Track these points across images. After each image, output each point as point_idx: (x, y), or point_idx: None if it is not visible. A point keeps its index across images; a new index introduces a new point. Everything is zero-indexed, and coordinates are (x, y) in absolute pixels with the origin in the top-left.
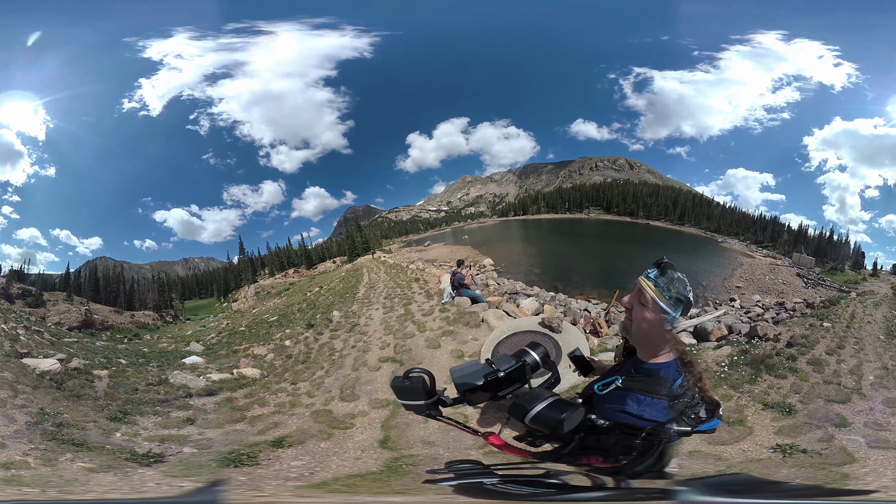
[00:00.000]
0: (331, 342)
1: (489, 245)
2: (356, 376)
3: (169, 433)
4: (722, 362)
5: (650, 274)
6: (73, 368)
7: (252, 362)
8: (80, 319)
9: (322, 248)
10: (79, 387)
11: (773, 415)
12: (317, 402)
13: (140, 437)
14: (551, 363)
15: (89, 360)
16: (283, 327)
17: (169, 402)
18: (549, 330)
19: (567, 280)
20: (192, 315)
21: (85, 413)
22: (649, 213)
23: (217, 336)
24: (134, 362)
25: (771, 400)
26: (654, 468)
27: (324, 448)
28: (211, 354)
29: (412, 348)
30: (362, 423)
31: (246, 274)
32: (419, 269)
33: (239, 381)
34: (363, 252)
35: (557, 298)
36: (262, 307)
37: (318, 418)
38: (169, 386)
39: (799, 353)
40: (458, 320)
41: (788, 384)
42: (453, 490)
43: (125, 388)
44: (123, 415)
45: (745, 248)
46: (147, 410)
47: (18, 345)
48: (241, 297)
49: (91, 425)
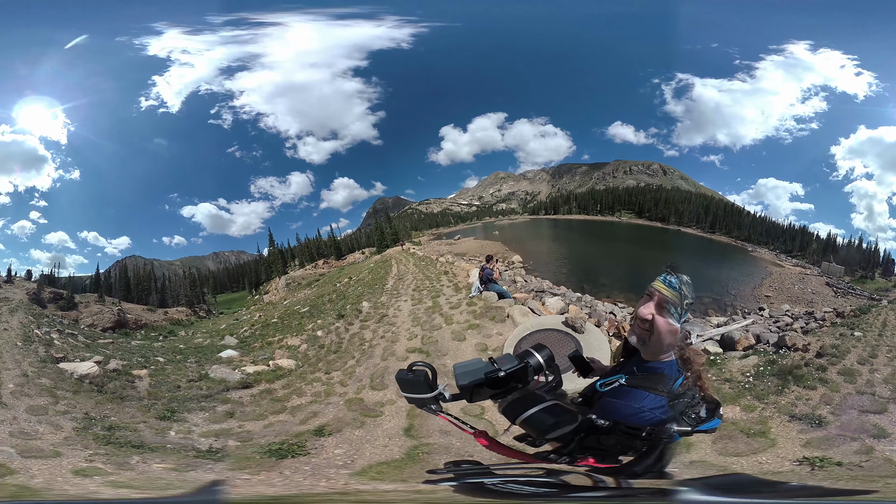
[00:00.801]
0: (361, 332)
1: (519, 242)
2: (385, 366)
3: (220, 428)
4: (747, 372)
5: (672, 281)
6: (112, 370)
7: (287, 353)
8: (113, 320)
9: (351, 239)
10: (120, 388)
11: (801, 427)
12: (349, 390)
13: (195, 434)
14: (555, 366)
15: (127, 360)
16: (315, 318)
17: (212, 397)
18: (572, 330)
19: (594, 282)
20: (225, 309)
21: (132, 414)
22: (681, 219)
23: (250, 329)
24: (172, 359)
25: (799, 411)
26: (655, 468)
27: (359, 435)
28: (245, 347)
29: (438, 340)
30: (390, 411)
31: (276, 266)
32: (448, 263)
33: (276, 372)
34: (392, 243)
35: (584, 299)
36: (293, 298)
37: (352, 406)
38: (210, 381)
39: (829, 364)
40: (484, 314)
41: (818, 395)
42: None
43: (167, 385)
44: (171, 413)
45: (774, 258)
46: (193, 407)
47: (53, 349)
48: (272, 289)
49: (142, 426)
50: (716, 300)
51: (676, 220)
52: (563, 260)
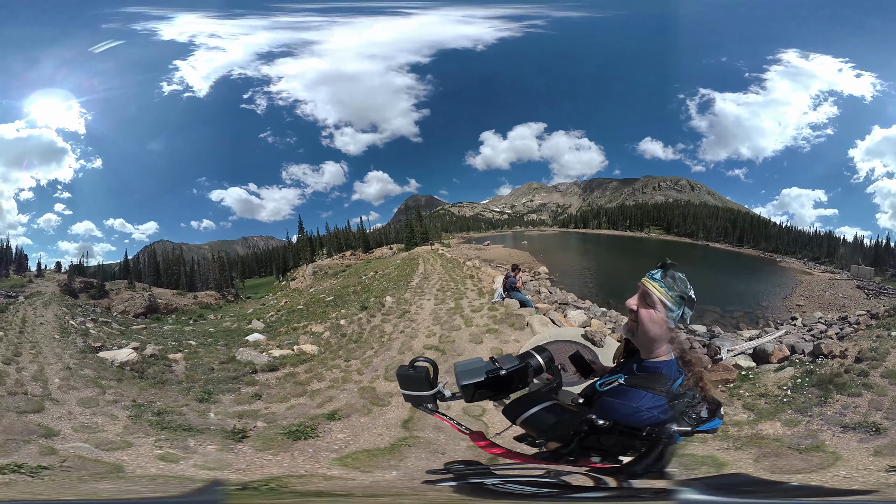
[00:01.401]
0: (382, 325)
1: (547, 254)
2: (401, 359)
3: (244, 409)
4: (784, 385)
5: (655, 275)
6: (150, 355)
7: (311, 339)
8: (144, 305)
9: (380, 234)
10: (160, 373)
11: (860, 436)
12: (364, 379)
13: (225, 415)
14: (555, 368)
15: (162, 345)
16: (339, 307)
17: (238, 379)
18: (591, 343)
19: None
20: (252, 293)
21: (174, 398)
22: (709, 234)
23: (277, 314)
24: (203, 343)
25: (850, 421)
26: (655, 468)
27: (362, 423)
28: (271, 332)
29: (456, 340)
30: (397, 402)
31: (304, 253)
32: (475, 267)
33: (300, 356)
34: (421, 242)
35: (609, 315)
36: (318, 287)
37: (363, 394)
38: (237, 363)
39: (870, 368)
40: (504, 320)
41: (865, 402)
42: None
43: (202, 368)
44: (208, 395)
45: (802, 266)
46: (224, 388)
47: (91, 339)
48: (299, 275)
49: (185, 409)
50: (747, 313)
51: (705, 235)
52: (591, 274)
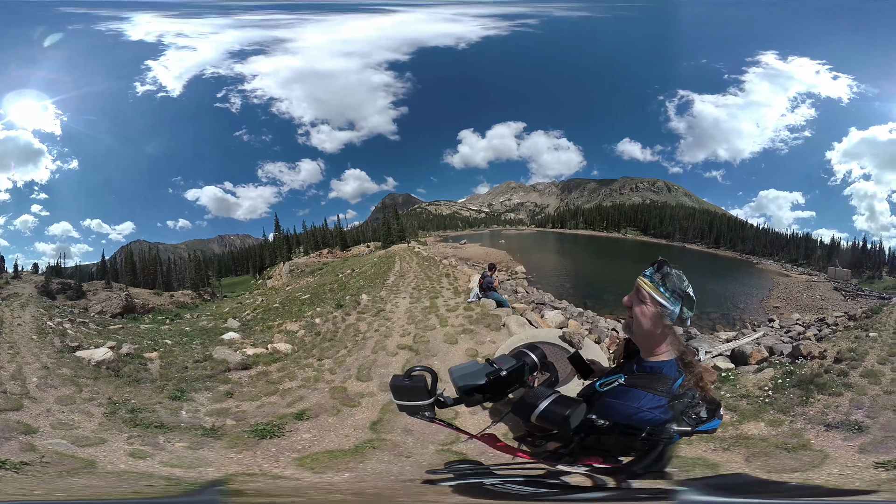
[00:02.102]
0: (356, 324)
1: (524, 253)
2: (374, 358)
3: (219, 407)
4: (765, 386)
5: (647, 272)
6: (126, 354)
7: (285, 338)
8: (121, 305)
9: (357, 232)
10: (135, 371)
11: (843, 434)
12: (336, 378)
13: (200, 413)
14: (549, 363)
15: (138, 344)
16: (315, 305)
17: (214, 377)
18: (569, 345)
19: (598, 298)
20: (229, 292)
21: (148, 396)
22: (685, 236)
23: (253, 313)
24: (179, 342)
25: (832, 420)
26: (655, 468)
27: (330, 423)
28: (247, 330)
29: (430, 340)
30: (367, 403)
31: (281, 251)
32: (451, 266)
33: (273, 355)
34: (398, 240)
35: (585, 315)
36: (295, 285)
37: (334, 394)
38: (213, 361)
39: (850, 368)
40: (479, 321)
41: (846, 400)
42: (453, 490)
43: (176, 366)
44: (181, 393)
45: (780, 268)
46: (199, 386)
47: (68, 339)
48: (275, 274)
49: (158, 406)
50: (724, 315)
51: (681, 236)
52: (567, 274)
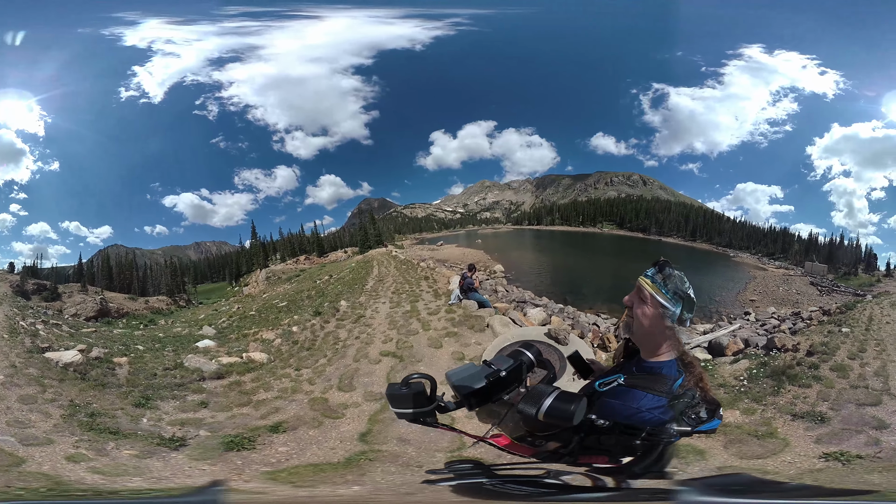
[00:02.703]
0: (336, 331)
1: (501, 251)
2: (356, 367)
3: (187, 417)
4: (740, 376)
5: (648, 272)
6: (95, 358)
7: (260, 347)
8: (96, 309)
9: (334, 237)
10: (102, 375)
11: (806, 424)
12: (316, 389)
13: (163, 422)
14: (546, 361)
15: (108, 348)
16: (292, 313)
17: (184, 386)
18: (555, 341)
19: (577, 293)
20: (205, 299)
21: (111, 401)
22: (661, 229)
23: (228, 320)
24: (151, 348)
25: (799, 410)
26: (655, 468)
27: (311, 436)
28: (222, 338)
29: (414, 345)
30: (353, 414)
31: (258, 258)
32: (430, 268)
33: (247, 365)
34: (375, 244)
35: (566, 311)
36: (272, 292)
37: (314, 406)
38: (184, 370)
39: (820, 361)
40: (462, 323)
41: (814, 392)
42: (453, 490)
43: (145, 373)
44: (146, 400)
45: (756, 262)
46: (166, 395)
47: (39, 340)
48: (252, 281)
49: (119, 412)
50: (701, 308)
51: (657, 229)
52: (546, 271)
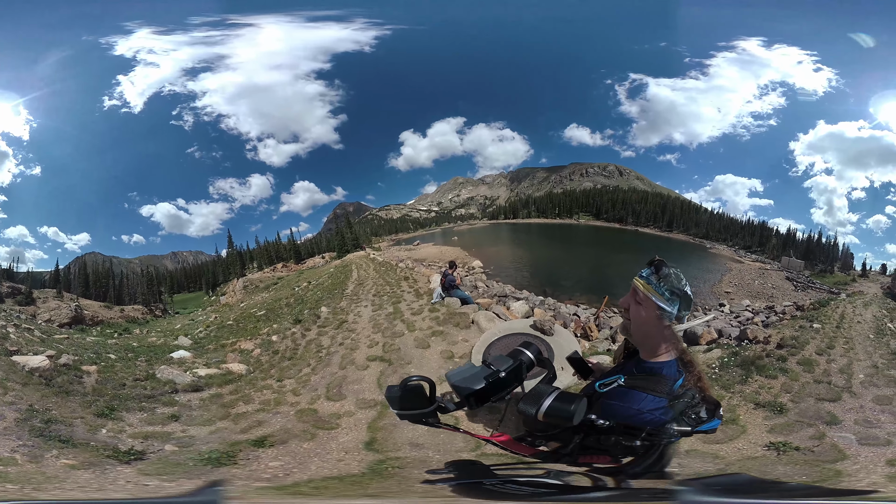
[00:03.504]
0: (318, 339)
1: (479, 247)
2: (343, 375)
3: (153, 430)
4: (713, 364)
5: (643, 272)
6: (63, 364)
7: (239, 357)
8: (70, 315)
9: (311, 244)
10: (67, 383)
11: (765, 413)
12: (302, 400)
13: (125, 434)
14: (545, 360)
15: (79, 355)
16: (271, 322)
17: (155, 398)
18: (541, 333)
19: (556, 285)
20: (181, 308)
21: (73, 409)
22: (638, 219)
23: (205, 330)
24: (123, 357)
25: (762, 399)
26: (655, 468)
27: (306, 449)
28: (199, 349)
29: (401, 347)
30: (348, 423)
31: (234, 267)
32: (409, 268)
33: (226, 376)
34: (353, 248)
35: (547, 303)
36: (250, 301)
37: (303, 418)
38: (156, 381)
39: (789, 354)
40: (447, 321)
41: (779, 384)
42: (452, 490)
43: (113, 383)
44: (110, 410)
45: (733, 254)
46: (133, 406)
47: (8, 343)
48: (229, 290)
49: (78, 421)
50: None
51: (634, 220)
52: (525, 264)
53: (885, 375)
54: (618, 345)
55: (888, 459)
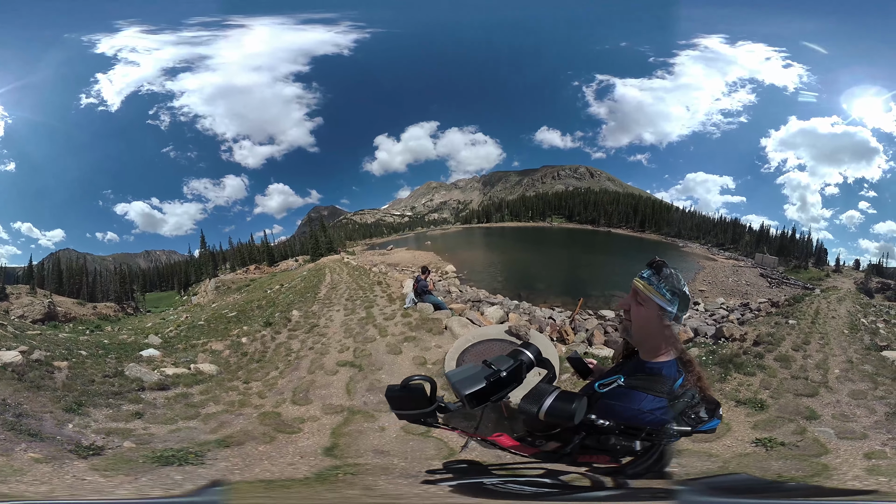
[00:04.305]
0: (288, 342)
1: (452, 252)
2: (311, 379)
3: (116, 426)
4: None
5: (644, 273)
6: (35, 360)
7: (209, 358)
8: (43, 312)
9: (285, 246)
10: (39, 378)
11: (747, 411)
12: (267, 403)
13: (89, 430)
14: (545, 360)
15: (50, 351)
16: (242, 324)
17: (122, 395)
18: (517, 338)
19: (531, 288)
20: (153, 307)
21: (43, 404)
22: (610, 220)
23: (176, 329)
24: (94, 354)
25: (742, 397)
26: (655, 468)
27: (261, 451)
28: (168, 348)
29: (372, 353)
30: (311, 428)
31: (207, 268)
32: (382, 273)
33: (196, 376)
34: (326, 252)
35: (522, 307)
36: (221, 302)
37: (265, 420)
38: (124, 378)
39: (766, 351)
40: (420, 326)
41: (758, 381)
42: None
43: (83, 379)
44: (78, 406)
45: (706, 252)
46: (100, 402)
47: None
48: (201, 290)
49: (48, 416)
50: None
51: (606, 221)
52: (498, 268)
53: (860, 370)
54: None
55: (865, 453)
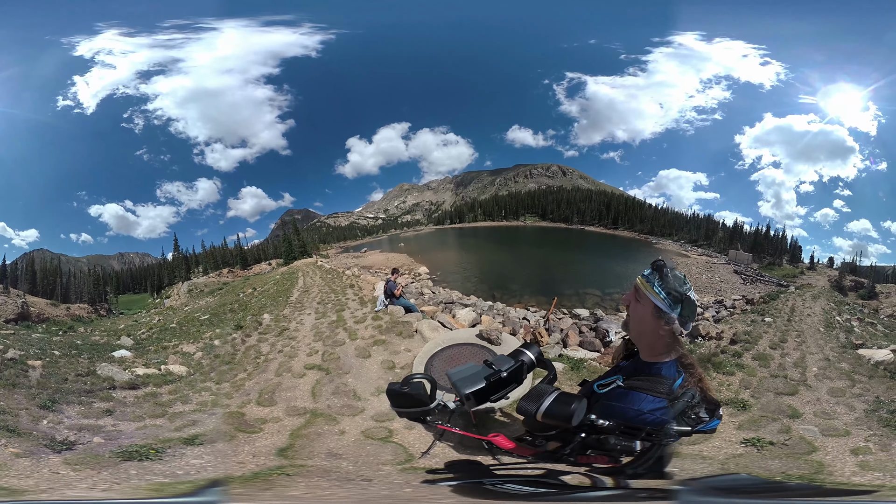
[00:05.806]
0: (258, 345)
1: (425, 253)
2: (278, 381)
3: (87, 423)
4: None
5: (645, 272)
6: (10, 359)
7: (180, 359)
8: (16, 312)
9: (258, 250)
10: (14, 376)
11: (730, 411)
12: (233, 403)
13: (62, 426)
14: (546, 361)
15: (24, 350)
16: (214, 327)
17: (93, 393)
18: (488, 342)
19: (505, 288)
20: (126, 309)
21: (19, 401)
22: (583, 218)
23: (148, 331)
24: (67, 353)
25: (724, 397)
26: (654, 468)
27: (218, 449)
28: (140, 349)
29: (341, 357)
30: (271, 429)
31: (180, 271)
32: (354, 276)
33: (165, 376)
34: (300, 255)
35: (496, 308)
36: (194, 305)
37: (229, 420)
38: (96, 377)
39: (743, 350)
40: (390, 329)
41: (737, 380)
42: (452, 490)
43: (56, 377)
44: (52, 403)
45: (679, 248)
46: (73, 400)
47: None
48: (174, 293)
49: (23, 412)
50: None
51: (579, 219)
52: (472, 269)
53: (837, 368)
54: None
55: (851, 449)
